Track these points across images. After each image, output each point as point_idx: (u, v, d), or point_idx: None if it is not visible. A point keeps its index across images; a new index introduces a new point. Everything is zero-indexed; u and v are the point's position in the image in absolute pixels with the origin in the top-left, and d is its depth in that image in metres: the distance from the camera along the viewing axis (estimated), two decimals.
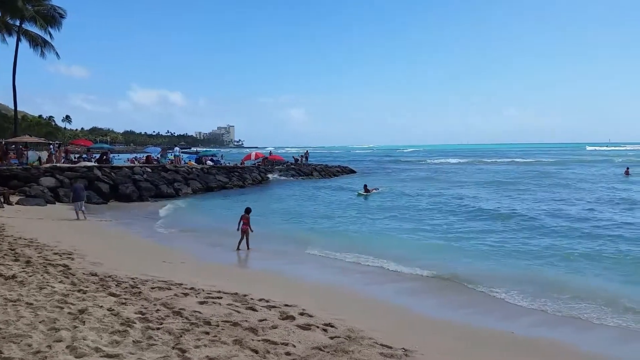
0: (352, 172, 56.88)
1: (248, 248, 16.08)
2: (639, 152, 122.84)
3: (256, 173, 43.31)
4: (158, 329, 6.86)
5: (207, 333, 6.86)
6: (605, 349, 8.24)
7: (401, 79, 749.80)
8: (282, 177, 44.86)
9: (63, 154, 38.36)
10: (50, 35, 43.07)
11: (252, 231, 16.19)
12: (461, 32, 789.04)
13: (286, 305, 8.92)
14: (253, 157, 51.25)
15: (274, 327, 7.41)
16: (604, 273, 12.96)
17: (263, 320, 7.73)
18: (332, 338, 7.21)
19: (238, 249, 16.07)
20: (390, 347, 7.14)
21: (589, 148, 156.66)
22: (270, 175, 44.12)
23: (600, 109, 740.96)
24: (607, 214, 22.65)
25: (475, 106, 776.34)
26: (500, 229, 19.51)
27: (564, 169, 59.99)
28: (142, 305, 8.11)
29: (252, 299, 9.26)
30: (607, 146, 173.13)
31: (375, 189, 33.62)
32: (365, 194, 31.78)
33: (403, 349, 7.15)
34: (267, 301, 9.14)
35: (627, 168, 49.31)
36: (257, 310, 8.32)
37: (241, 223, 16.18)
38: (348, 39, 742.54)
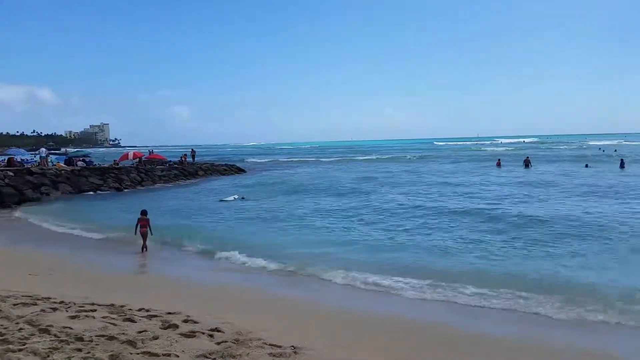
0: (242, 171, 55.26)
1: (145, 250, 15.64)
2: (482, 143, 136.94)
3: (135, 174, 41.06)
4: (20, 350, 6.13)
5: (80, 350, 6.27)
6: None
7: (291, 79, 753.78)
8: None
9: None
10: None
11: (151, 234, 15.86)
12: (347, 36, 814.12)
13: (169, 313, 8.46)
14: (130, 156, 48.44)
15: (155, 337, 6.97)
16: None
17: (143, 331, 7.23)
18: (218, 343, 6.94)
19: (142, 251, 15.63)
20: (280, 346, 7.05)
21: (436, 143, 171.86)
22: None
23: (470, 106, 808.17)
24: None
25: (358, 105, 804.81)
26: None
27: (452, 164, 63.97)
28: (2, 325, 7.22)
29: (130, 309, 8.66)
30: (475, 140, 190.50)
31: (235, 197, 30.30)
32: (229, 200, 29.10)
33: (292, 346, 7.10)
34: (148, 310, 8.60)
35: (499, 159, 53.88)
36: (136, 322, 7.77)
37: (139, 226, 15.74)
38: (237, 37, 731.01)
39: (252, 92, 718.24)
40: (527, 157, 50.90)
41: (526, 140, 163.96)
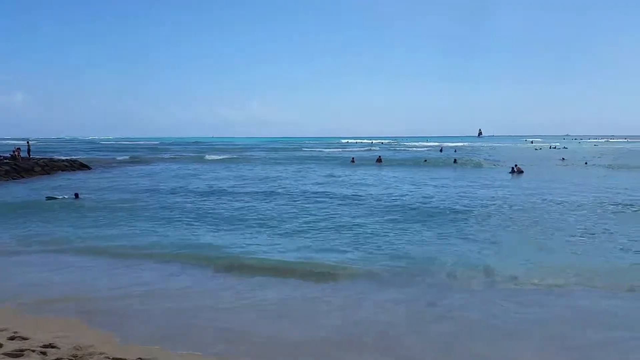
0: (85, 167, 50.29)
1: None
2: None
3: None
4: None
5: None
6: None
7: (148, 68, 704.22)
8: None
9: None
10: None
11: None
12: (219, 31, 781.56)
13: None
14: None
15: None
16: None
17: None
18: None
19: None
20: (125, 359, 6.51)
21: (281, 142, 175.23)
22: None
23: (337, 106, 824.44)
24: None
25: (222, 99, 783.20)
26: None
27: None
28: None
29: None
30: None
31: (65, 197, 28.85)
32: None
33: (139, 358, 6.60)
34: None
35: (353, 158, 56.61)
36: None
37: None
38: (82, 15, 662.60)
39: (102, 80, 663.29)
40: (379, 157, 55.54)
41: (375, 141, 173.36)
